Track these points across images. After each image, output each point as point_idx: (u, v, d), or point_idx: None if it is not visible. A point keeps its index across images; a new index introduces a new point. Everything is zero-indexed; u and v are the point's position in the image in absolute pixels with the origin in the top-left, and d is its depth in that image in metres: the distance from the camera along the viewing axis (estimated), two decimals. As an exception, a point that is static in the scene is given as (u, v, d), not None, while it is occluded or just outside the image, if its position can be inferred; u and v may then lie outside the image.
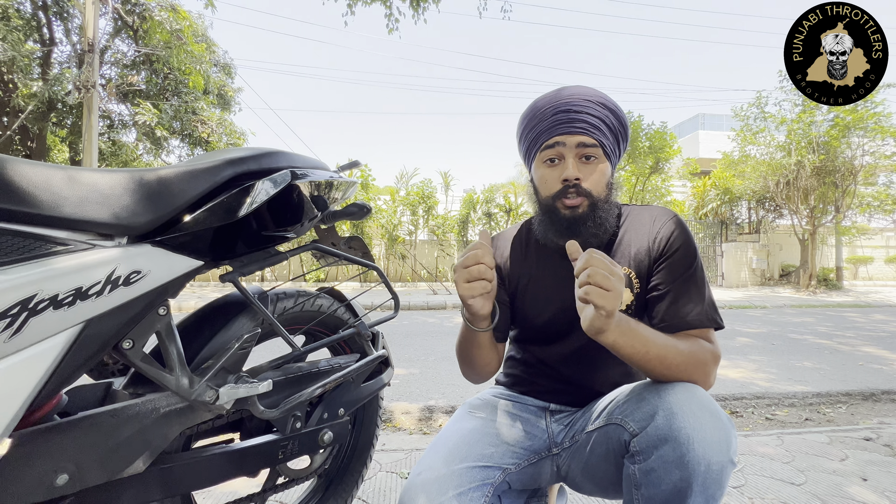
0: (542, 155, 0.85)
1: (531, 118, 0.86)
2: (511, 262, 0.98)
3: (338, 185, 1.00)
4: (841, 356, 3.85)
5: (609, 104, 0.84)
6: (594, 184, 0.83)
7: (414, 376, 3.12)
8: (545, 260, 0.93)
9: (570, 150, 0.82)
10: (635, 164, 13.24)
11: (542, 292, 0.92)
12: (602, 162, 0.84)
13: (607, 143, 0.84)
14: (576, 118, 0.81)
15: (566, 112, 0.82)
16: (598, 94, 0.85)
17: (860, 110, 9.88)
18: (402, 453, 1.73)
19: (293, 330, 1.00)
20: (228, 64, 11.29)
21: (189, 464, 0.78)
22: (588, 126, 0.81)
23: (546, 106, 0.84)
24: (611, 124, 0.84)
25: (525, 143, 0.89)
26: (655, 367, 0.71)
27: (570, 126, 0.81)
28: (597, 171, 0.83)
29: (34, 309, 0.53)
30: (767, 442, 1.85)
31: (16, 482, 0.59)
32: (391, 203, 12.95)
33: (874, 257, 16.78)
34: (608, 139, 0.84)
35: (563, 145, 0.82)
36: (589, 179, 0.82)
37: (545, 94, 0.88)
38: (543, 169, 0.86)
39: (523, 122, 0.89)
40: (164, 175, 0.69)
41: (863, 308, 8.21)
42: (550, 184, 0.85)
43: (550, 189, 0.85)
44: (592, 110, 0.82)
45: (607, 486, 0.79)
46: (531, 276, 0.94)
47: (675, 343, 0.72)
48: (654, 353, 0.70)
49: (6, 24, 7.70)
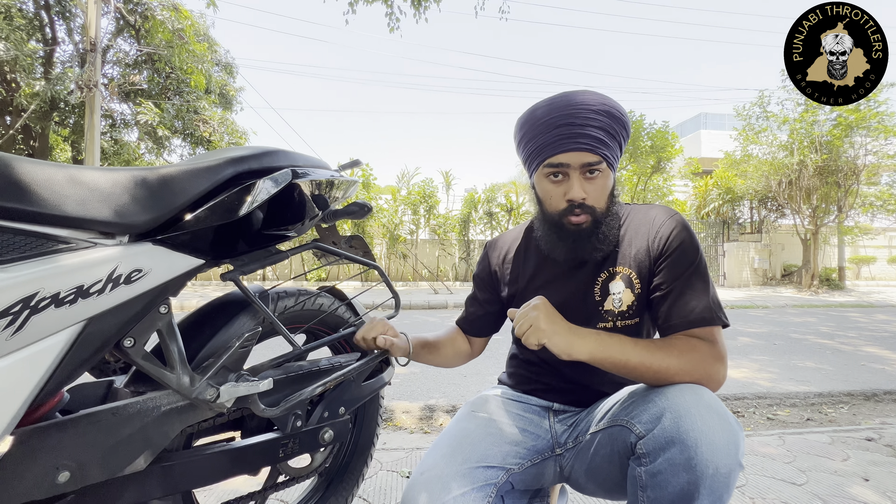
0: (545, 170, 0.84)
1: (531, 127, 0.83)
2: (511, 266, 1.00)
3: (339, 184, 1.00)
4: (843, 356, 3.84)
5: (613, 111, 0.81)
6: (597, 199, 0.83)
7: (415, 375, 3.12)
8: (544, 264, 0.94)
9: (574, 169, 0.81)
10: (637, 163, 13.23)
11: (541, 292, 0.92)
12: (606, 174, 0.83)
13: (611, 155, 0.82)
14: (580, 133, 0.79)
15: (569, 126, 0.79)
16: (600, 101, 0.81)
17: (863, 109, 9.83)
18: (402, 452, 1.73)
19: (294, 329, 1.00)
20: (230, 63, 11.29)
21: (190, 462, 0.78)
22: (592, 141, 0.79)
23: (547, 116, 0.81)
24: (614, 133, 0.82)
25: (525, 153, 0.87)
26: (644, 375, 0.72)
27: (574, 143, 0.79)
28: (600, 185, 0.83)
29: (36, 307, 0.54)
30: (769, 442, 1.85)
31: (17, 479, 0.59)
32: (392, 202, 12.95)
33: (877, 257, 16.72)
34: (612, 150, 0.82)
35: (567, 165, 0.80)
36: (592, 195, 0.82)
37: (544, 100, 0.84)
38: (547, 184, 0.85)
39: (522, 130, 0.86)
40: (165, 174, 0.70)
41: (865, 308, 8.19)
42: (556, 201, 0.84)
43: (556, 206, 0.85)
44: (595, 122, 0.79)
45: (611, 488, 0.79)
46: (531, 279, 0.96)
47: (661, 350, 0.72)
48: (634, 362, 0.71)
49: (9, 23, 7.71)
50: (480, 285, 1.05)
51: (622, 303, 0.85)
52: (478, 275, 1.06)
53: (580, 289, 0.89)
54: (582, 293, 0.88)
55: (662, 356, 0.71)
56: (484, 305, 1.04)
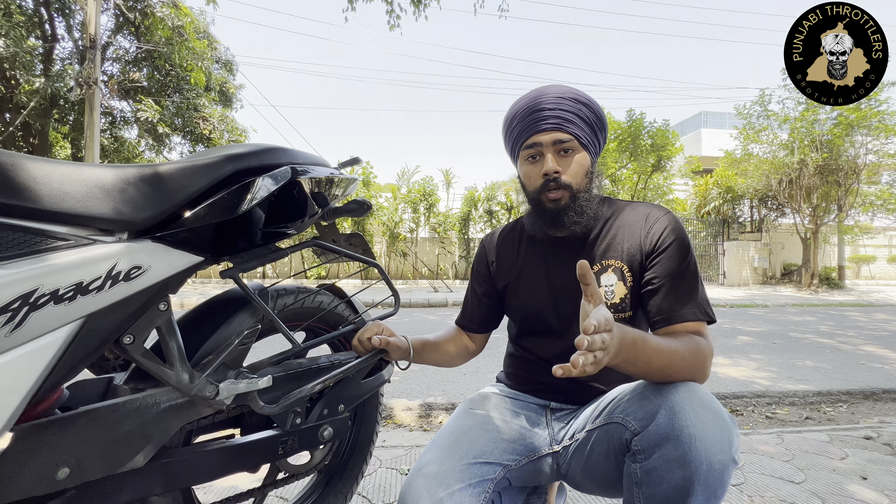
0: (524, 153, 0.92)
1: (511, 119, 0.93)
2: (503, 257, 1.03)
3: (338, 182, 1.00)
4: (842, 355, 3.85)
5: (581, 98, 0.90)
6: (573, 175, 0.88)
7: (414, 373, 3.12)
8: (535, 254, 0.97)
9: (547, 147, 0.88)
10: (637, 161, 13.20)
11: (534, 283, 0.96)
12: (579, 152, 0.89)
13: (583, 135, 0.88)
14: (550, 116, 0.87)
15: (540, 111, 0.88)
16: (570, 91, 0.91)
17: (864, 109, 9.81)
18: (402, 450, 1.73)
19: (293, 326, 1.00)
20: (230, 60, 11.27)
21: (189, 458, 0.78)
22: (562, 122, 0.87)
23: (523, 107, 0.90)
24: (585, 117, 0.89)
25: (509, 143, 0.96)
26: (655, 377, 0.72)
27: (546, 123, 0.87)
28: (574, 162, 0.88)
29: (35, 303, 0.54)
30: (767, 440, 1.85)
31: (17, 476, 0.59)
32: (392, 200, 12.94)
33: (877, 256, 16.71)
34: (584, 130, 0.89)
35: (540, 144, 0.88)
36: (568, 171, 0.88)
37: (522, 96, 0.94)
38: (527, 166, 0.92)
39: (505, 124, 0.95)
40: (164, 171, 0.70)
41: (865, 307, 8.19)
42: (534, 179, 0.91)
43: (534, 184, 0.91)
44: (565, 106, 0.88)
45: (607, 485, 0.79)
46: (522, 270, 0.98)
47: (676, 350, 0.72)
48: (657, 365, 0.70)
49: (8, 20, 7.69)
50: (478, 279, 1.07)
51: (615, 295, 0.87)
52: (475, 268, 1.09)
53: (572, 279, 0.89)
54: (575, 285, 0.88)
55: (679, 359, 0.71)
56: (482, 299, 1.06)
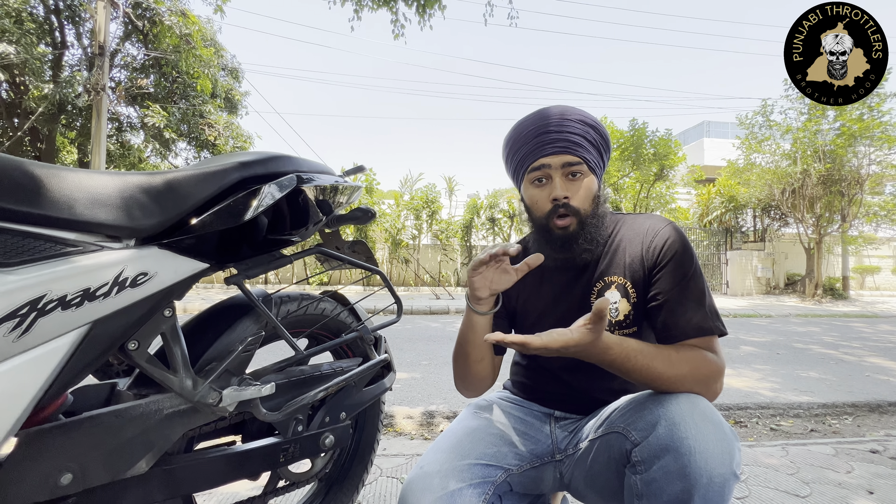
0: (529, 176, 0.88)
1: (515, 141, 0.90)
2: None
3: (343, 190, 1.01)
4: (847, 366, 3.81)
5: (588, 120, 0.88)
6: (581, 200, 0.86)
7: (416, 381, 3.11)
8: (541, 275, 0.94)
9: (556, 170, 0.85)
10: (640, 171, 13.23)
11: (541, 305, 0.94)
12: (587, 176, 0.86)
13: (591, 158, 0.86)
14: (558, 138, 0.85)
15: (547, 133, 0.85)
16: (577, 112, 0.88)
17: (866, 119, 9.83)
18: (403, 458, 1.72)
19: (296, 333, 1.01)
20: (236, 68, 11.39)
21: (191, 465, 0.78)
22: (570, 144, 0.85)
23: (528, 129, 0.88)
24: (592, 139, 0.87)
25: (512, 165, 0.92)
26: (649, 384, 0.72)
27: (554, 147, 0.84)
28: (583, 186, 0.86)
29: (43, 309, 0.54)
30: (772, 453, 1.83)
31: (21, 481, 0.59)
32: (395, 207, 12.98)
33: (881, 267, 16.62)
34: (591, 154, 0.87)
35: (549, 167, 0.85)
36: (576, 196, 0.85)
37: (526, 116, 0.91)
38: (532, 189, 0.89)
39: (508, 145, 0.92)
40: (171, 178, 0.70)
41: (869, 318, 8.13)
42: (541, 204, 0.88)
43: (542, 209, 0.88)
44: (573, 129, 0.86)
45: (610, 496, 0.78)
46: (530, 292, 0.96)
47: (669, 358, 0.72)
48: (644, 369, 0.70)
49: (19, 27, 7.81)
50: None
51: (619, 312, 0.85)
52: None
53: (577, 300, 0.90)
54: (578, 304, 0.89)
55: (669, 366, 0.71)
56: (497, 319, 0.99)
